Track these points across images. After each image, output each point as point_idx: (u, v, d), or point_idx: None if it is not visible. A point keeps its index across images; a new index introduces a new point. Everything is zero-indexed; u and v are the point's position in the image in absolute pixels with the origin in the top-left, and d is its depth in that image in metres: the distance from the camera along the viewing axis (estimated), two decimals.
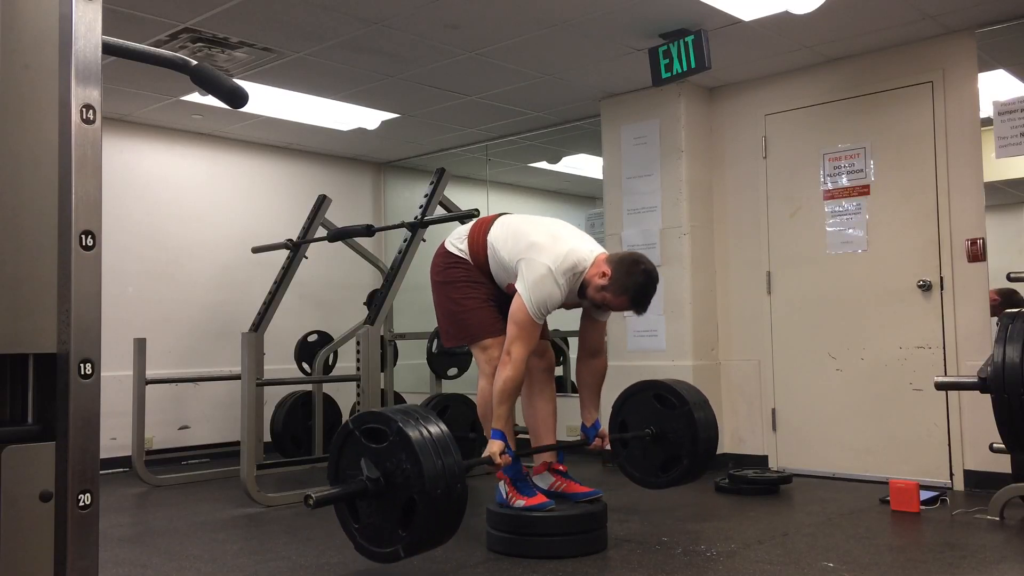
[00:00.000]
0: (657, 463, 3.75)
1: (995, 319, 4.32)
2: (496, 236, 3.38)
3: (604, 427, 3.60)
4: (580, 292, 3.31)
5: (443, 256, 3.50)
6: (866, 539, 3.43)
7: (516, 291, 3.21)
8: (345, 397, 6.03)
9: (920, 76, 4.68)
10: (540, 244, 3.24)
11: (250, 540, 3.68)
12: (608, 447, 3.61)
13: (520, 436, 3.57)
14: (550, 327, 3.70)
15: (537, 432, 3.53)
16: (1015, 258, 4.56)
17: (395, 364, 6.22)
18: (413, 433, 2.64)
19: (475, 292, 3.41)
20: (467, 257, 3.42)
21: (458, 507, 2.70)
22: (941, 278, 4.57)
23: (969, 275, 4.48)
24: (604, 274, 3.22)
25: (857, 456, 4.81)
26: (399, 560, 2.72)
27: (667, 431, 3.68)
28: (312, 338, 6.28)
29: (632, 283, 3.20)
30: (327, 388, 5.99)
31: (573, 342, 4.15)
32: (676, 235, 5.30)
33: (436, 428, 2.70)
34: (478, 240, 3.42)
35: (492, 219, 3.48)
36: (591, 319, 3.54)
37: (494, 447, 3.11)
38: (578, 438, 3.64)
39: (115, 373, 5.32)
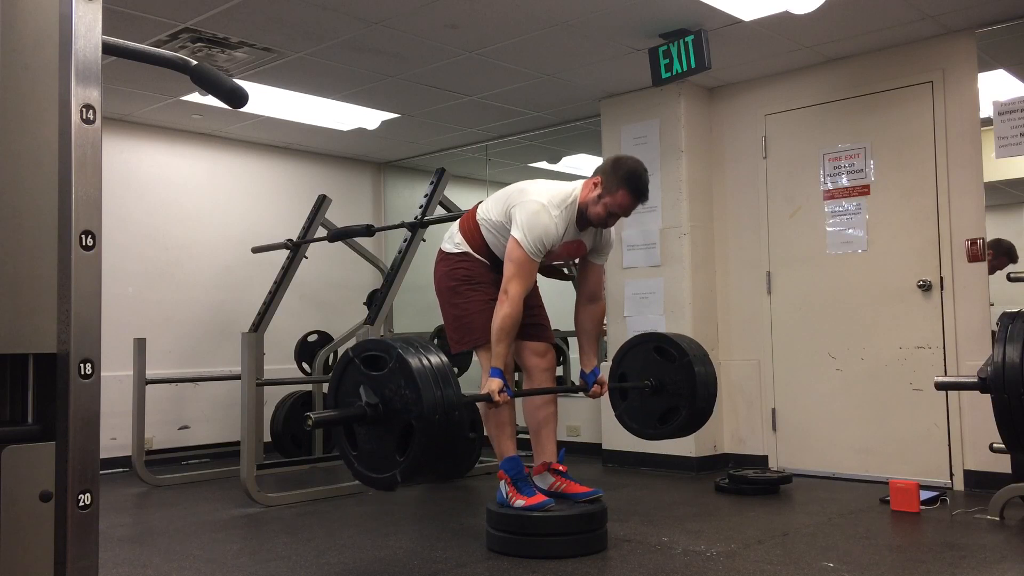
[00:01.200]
0: (656, 415, 3.67)
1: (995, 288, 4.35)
2: (484, 210, 3.45)
3: (603, 374, 3.56)
4: (581, 223, 3.33)
5: (443, 261, 3.52)
6: (866, 539, 3.43)
7: (511, 236, 3.23)
8: None
9: (920, 76, 4.68)
10: (528, 189, 3.33)
11: (250, 540, 3.68)
12: (606, 393, 3.58)
13: (521, 436, 3.56)
14: (551, 327, 3.69)
15: (538, 432, 3.52)
16: None
17: None
18: (413, 360, 2.63)
19: (477, 295, 3.41)
20: (466, 248, 3.44)
21: (455, 434, 2.69)
22: (941, 278, 4.57)
23: (969, 275, 4.48)
24: (596, 184, 3.28)
25: (857, 456, 4.81)
26: (396, 486, 2.70)
27: (666, 383, 3.61)
28: (312, 338, 6.28)
29: (623, 174, 3.23)
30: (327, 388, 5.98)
31: (573, 343, 4.14)
32: (676, 235, 5.30)
33: (436, 358, 2.70)
34: (470, 227, 3.47)
35: (475, 208, 3.55)
36: (588, 263, 3.54)
37: (493, 384, 3.09)
38: (577, 384, 3.60)
39: (115, 373, 5.32)
